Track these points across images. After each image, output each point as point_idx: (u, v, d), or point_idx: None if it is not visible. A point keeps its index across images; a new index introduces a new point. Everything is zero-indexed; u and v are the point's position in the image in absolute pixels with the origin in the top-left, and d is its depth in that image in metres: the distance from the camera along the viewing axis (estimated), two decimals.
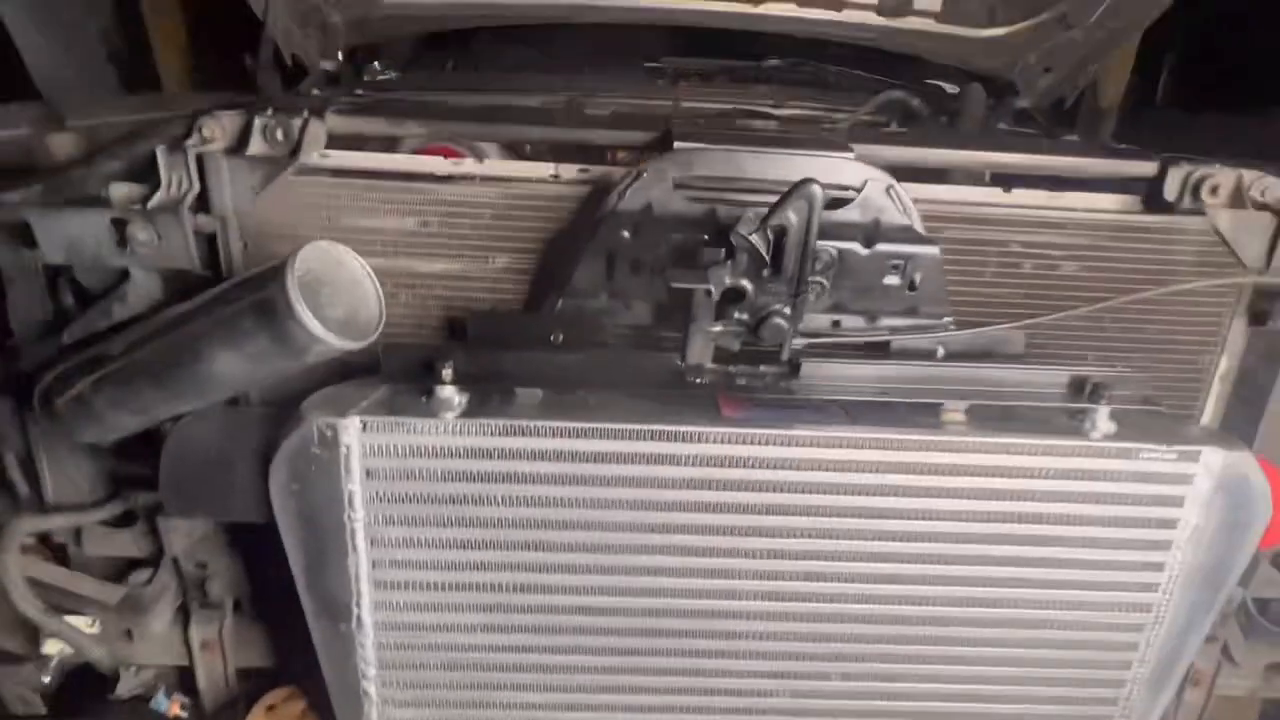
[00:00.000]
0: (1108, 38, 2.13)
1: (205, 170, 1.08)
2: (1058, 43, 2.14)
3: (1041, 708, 1.09)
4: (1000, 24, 2.14)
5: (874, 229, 1.06)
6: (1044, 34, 2.10)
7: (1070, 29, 2.10)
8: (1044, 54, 2.18)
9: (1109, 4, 1.97)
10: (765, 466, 0.93)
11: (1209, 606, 1.02)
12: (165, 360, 0.94)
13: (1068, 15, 2.04)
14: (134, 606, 1.22)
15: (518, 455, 0.93)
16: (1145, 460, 0.95)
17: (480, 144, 1.31)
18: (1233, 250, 1.17)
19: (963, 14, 2.10)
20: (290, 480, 0.93)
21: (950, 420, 0.97)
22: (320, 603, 0.99)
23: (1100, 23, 2.06)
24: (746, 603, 1.00)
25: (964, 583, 1.00)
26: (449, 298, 1.17)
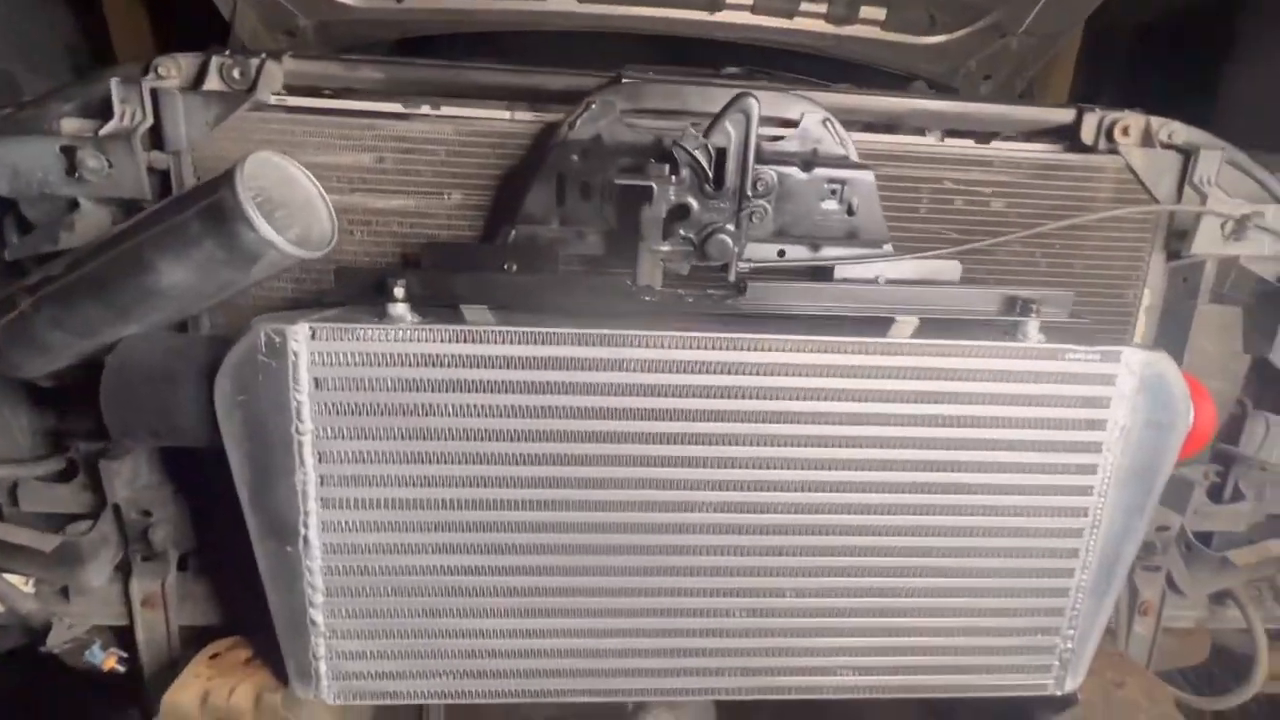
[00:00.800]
0: (1040, 45, 2.29)
1: (160, 106, 1.10)
2: (994, 50, 2.30)
3: (992, 620, 1.10)
4: (940, 32, 2.29)
5: (812, 157, 1.11)
6: (981, 41, 2.26)
7: (1004, 36, 2.26)
8: (983, 61, 2.34)
9: (1037, 12, 2.13)
10: (716, 371, 0.96)
11: (1141, 509, 1.06)
12: (109, 273, 0.94)
13: (1001, 23, 2.20)
14: (71, 556, 1.17)
15: (470, 363, 0.93)
16: (1071, 361, 1.00)
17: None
18: (1145, 187, 1.26)
19: (906, 22, 2.24)
20: (236, 391, 0.92)
21: (901, 333, 1.01)
22: (266, 523, 0.97)
23: (1030, 30, 2.22)
24: (699, 515, 1.01)
25: (911, 489, 1.02)
26: (405, 234, 1.19)
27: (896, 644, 1.10)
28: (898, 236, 1.21)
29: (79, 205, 1.08)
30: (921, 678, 1.12)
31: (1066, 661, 1.13)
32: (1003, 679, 1.13)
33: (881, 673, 1.11)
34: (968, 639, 1.11)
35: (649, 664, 1.07)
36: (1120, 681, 1.19)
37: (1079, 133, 1.28)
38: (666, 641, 1.06)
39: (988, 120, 1.32)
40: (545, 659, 1.06)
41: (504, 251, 1.11)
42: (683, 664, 1.08)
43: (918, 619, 1.09)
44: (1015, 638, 1.12)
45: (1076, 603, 1.10)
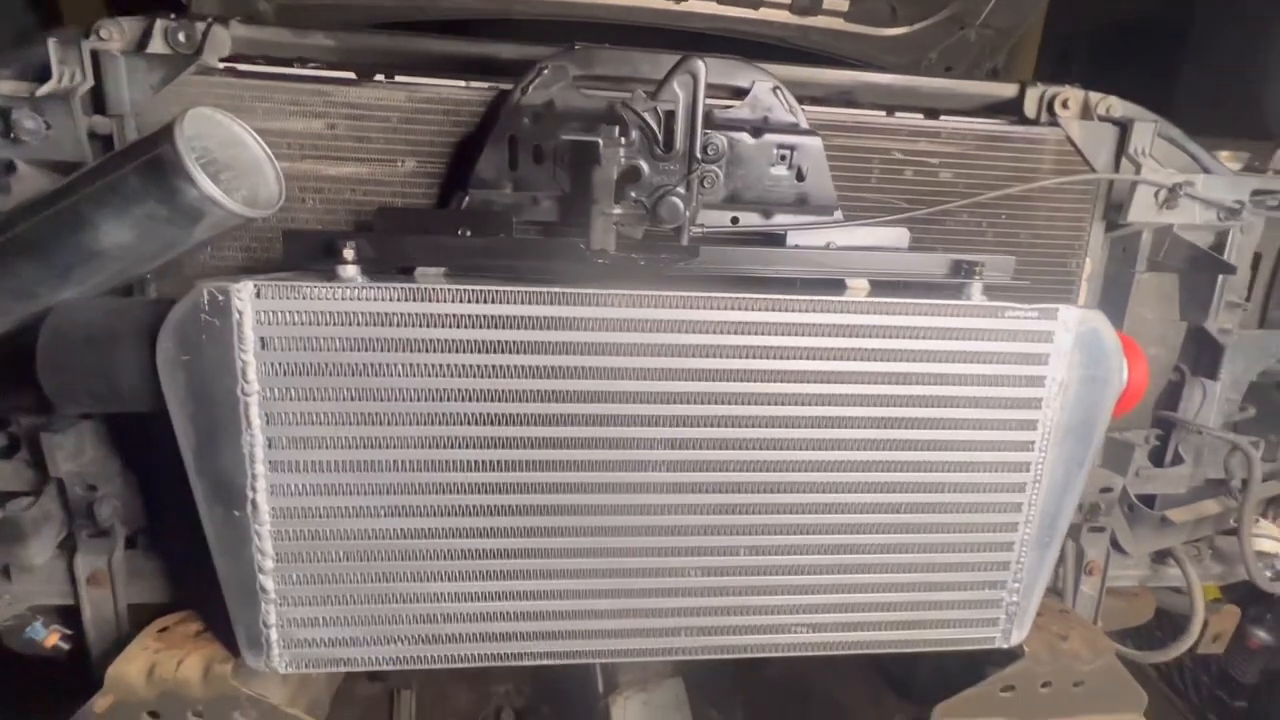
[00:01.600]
0: (996, 37, 2.36)
1: (101, 69, 1.08)
2: (954, 42, 2.36)
3: (941, 575, 1.13)
4: (901, 23, 2.34)
5: (762, 123, 1.13)
6: (941, 33, 2.31)
7: (963, 29, 2.32)
8: (944, 53, 2.40)
9: (993, 6, 2.20)
10: (668, 330, 0.97)
11: (1080, 463, 1.10)
12: (46, 232, 0.91)
13: (960, 15, 2.26)
14: (11, 533, 1.14)
15: (420, 321, 0.93)
16: (1012, 319, 1.03)
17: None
18: (1085, 158, 1.31)
19: (868, 13, 2.29)
20: (179, 350, 0.90)
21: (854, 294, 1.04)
22: (212, 487, 0.95)
23: (988, 23, 2.29)
24: (653, 474, 1.02)
25: (859, 446, 1.04)
26: (358, 202, 1.18)
27: (848, 600, 1.12)
28: (849, 206, 1.24)
29: (15, 168, 1.05)
30: (873, 634, 1.14)
31: (1013, 615, 1.16)
32: (951, 633, 1.16)
33: (834, 629, 1.13)
34: (917, 594, 1.13)
35: (606, 625, 1.08)
36: (1064, 634, 1.23)
37: (1022, 106, 1.33)
38: (622, 602, 1.07)
39: (935, 95, 1.36)
40: (502, 622, 1.05)
41: (458, 217, 1.11)
42: (639, 624, 1.09)
43: (868, 575, 1.11)
44: (962, 591, 1.15)
45: (1021, 555, 1.13)
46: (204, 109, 0.92)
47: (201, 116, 0.90)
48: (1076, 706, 1.22)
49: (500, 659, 1.08)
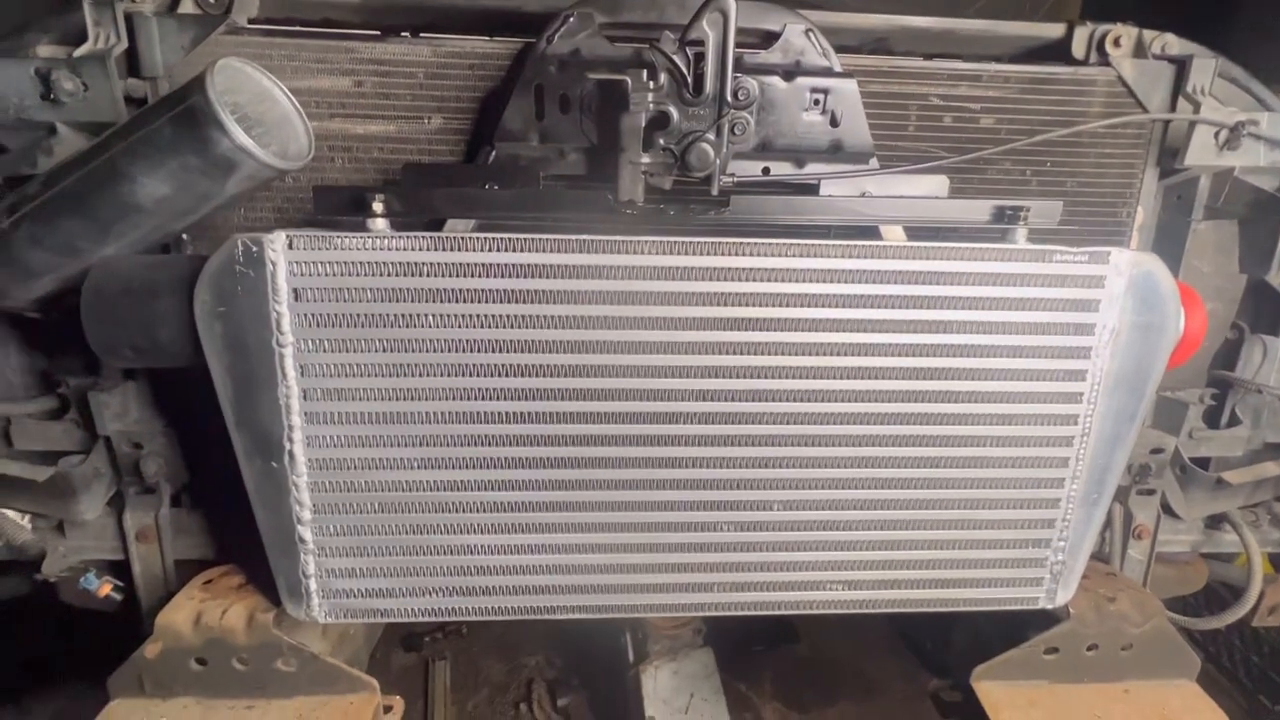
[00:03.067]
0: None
1: (135, 31, 1.09)
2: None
3: (984, 533, 1.10)
4: None
5: (794, 67, 1.09)
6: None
7: None
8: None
9: None
10: (699, 278, 0.95)
11: (1132, 415, 1.05)
12: (87, 187, 0.93)
13: None
14: (64, 488, 1.18)
15: (450, 271, 0.93)
16: (1060, 264, 0.99)
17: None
18: (1137, 99, 1.24)
19: None
20: (215, 302, 0.92)
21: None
22: (250, 438, 0.97)
23: None
24: (686, 426, 1.01)
25: (898, 398, 1.01)
26: (385, 160, 1.18)
27: (886, 557, 1.10)
28: (885, 156, 1.19)
29: (56, 130, 1.07)
30: (912, 592, 1.12)
31: (1058, 574, 1.13)
32: (993, 593, 1.13)
33: (871, 586, 1.11)
34: (958, 551, 1.10)
35: (637, 579, 1.07)
36: (1112, 596, 1.19)
37: (1069, 47, 1.26)
38: (654, 556, 1.06)
39: (976, 38, 1.29)
40: (534, 575, 1.06)
41: (484, 172, 1.10)
42: (672, 579, 1.08)
43: (907, 531, 1.08)
44: (1006, 549, 1.11)
45: (1067, 513, 1.09)
46: (233, 60, 0.92)
47: (231, 69, 0.91)
48: (1124, 671, 1.18)
49: (532, 612, 1.08)
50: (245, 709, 1.06)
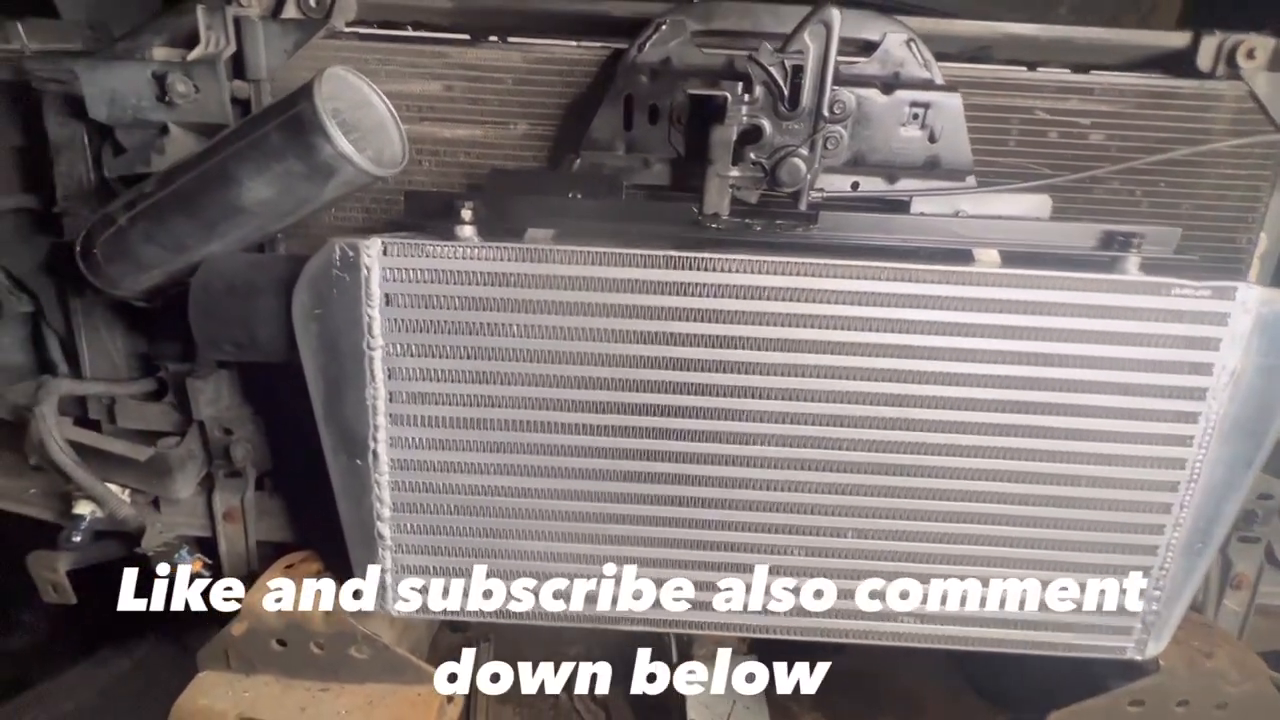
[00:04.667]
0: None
1: (242, 34, 1.13)
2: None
3: (1072, 577, 1.04)
4: None
5: (893, 79, 1.05)
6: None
7: None
8: (1077, 7, 2.16)
9: None
10: (785, 299, 0.92)
11: (1247, 464, 0.97)
12: (197, 188, 0.97)
13: None
14: (161, 468, 1.25)
15: (535, 283, 0.93)
16: (1178, 297, 0.92)
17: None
18: (1270, 116, 1.14)
19: None
20: (312, 304, 0.95)
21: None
22: (338, 435, 1.00)
23: None
24: (763, 448, 0.99)
25: (991, 431, 0.97)
26: (472, 165, 1.20)
27: (968, 594, 1.05)
28: (983, 171, 1.14)
29: (168, 130, 1.13)
30: (989, 630, 1.07)
31: (1150, 625, 1.06)
32: (1077, 638, 1.07)
33: (950, 622, 1.07)
34: (1045, 593, 1.05)
35: (705, 597, 1.06)
36: (1209, 652, 1.11)
37: (1195, 58, 1.16)
38: (725, 577, 1.05)
39: (1090, 48, 1.21)
40: (603, 583, 1.06)
41: (568, 179, 1.10)
42: (739, 600, 1.07)
43: (992, 568, 1.04)
44: (1096, 596, 1.05)
45: (1166, 561, 1.02)
46: (338, 69, 0.94)
47: (336, 77, 0.93)
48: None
49: (598, 620, 1.09)
50: (320, 690, 1.11)
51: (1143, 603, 1.05)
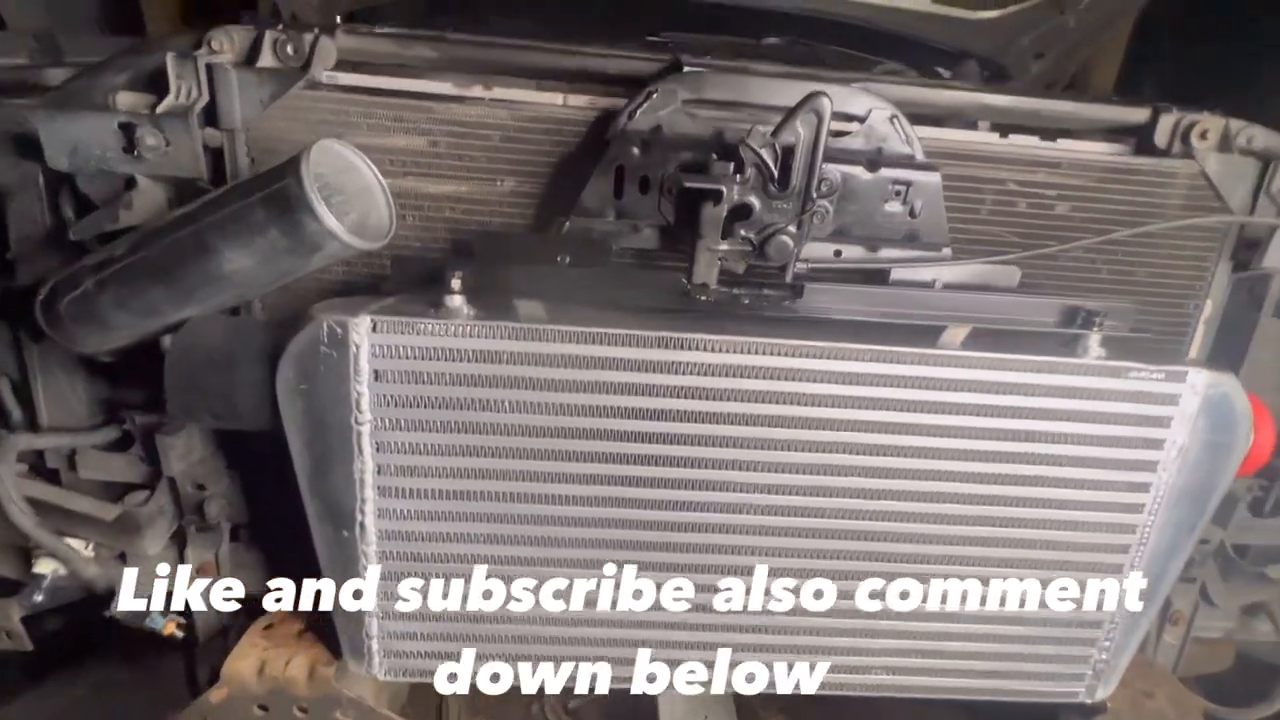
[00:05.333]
0: (1099, 24, 2.19)
1: (214, 83, 1.08)
2: (1050, 27, 2.19)
3: (1030, 629, 1.11)
4: (995, 6, 2.18)
5: (877, 156, 1.08)
6: (1037, 18, 2.15)
7: (1063, 13, 2.16)
8: (1037, 39, 2.23)
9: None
10: (772, 377, 0.95)
11: (1191, 528, 1.06)
12: (173, 257, 0.94)
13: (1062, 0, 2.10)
14: (129, 526, 1.21)
15: (526, 360, 0.93)
16: (1134, 380, 0.98)
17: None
18: (1219, 194, 1.21)
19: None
20: (298, 379, 0.93)
21: (951, 342, 1.00)
22: (324, 507, 0.99)
23: (1091, 8, 2.12)
24: (745, 517, 1.02)
25: (959, 500, 1.02)
26: (457, 220, 1.18)
27: (933, 647, 1.12)
28: (957, 239, 1.18)
29: (136, 183, 1.08)
30: (954, 680, 1.14)
31: (1100, 671, 1.14)
32: (1035, 685, 1.15)
33: (913, 673, 1.13)
34: (1005, 645, 1.12)
35: (686, 656, 1.10)
36: (1150, 691, 1.21)
37: (1153, 134, 1.23)
38: (704, 635, 1.09)
39: (1057, 117, 1.27)
40: (589, 647, 1.08)
41: (557, 243, 1.10)
42: (719, 657, 1.10)
43: (956, 624, 1.10)
44: (1050, 646, 1.13)
45: (1116, 615, 1.11)
46: (325, 142, 0.92)
47: (323, 149, 0.90)
48: None
49: (583, 682, 1.11)
50: None
51: (1095, 650, 1.13)
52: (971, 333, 1.03)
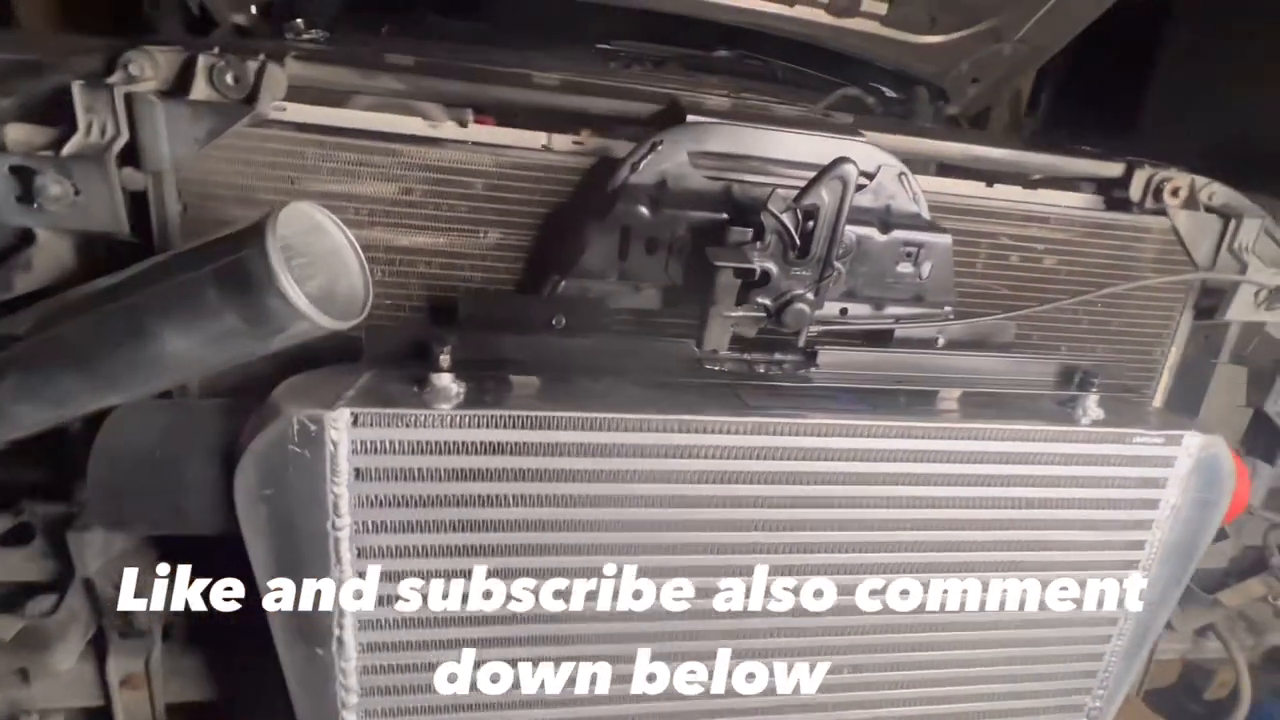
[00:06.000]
0: (1030, 54, 2.29)
1: (136, 117, 0.90)
2: (987, 54, 2.28)
3: (1028, 685, 1.12)
4: (939, 32, 2.24)
5: (886, 214, 1.04)
6: (976, 44, 2.23)
7: (999, 42, 2.24)
8: (974, 64, 2.32)
9: (1035, 21, 2.12)
10: (794, 458, 0.90)
11: (1179, 580, 1.09)
12: (96, 340, 0.77)
13: (999, 29, 2.18)
14: (35, 641, 1.01)
15: (527, 450, 0.83)
16: (1136, 445, 1.00)
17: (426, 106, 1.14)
18: (1187, 249, 1.26)
19: (906, 19, 2.19)
20: (261, 484, 0.78)
21: (945, 408, 0.99)
22: (294, 626, 0.85)
23: (1025, 39, 2.21)
24: (756, 619, 0.96)
25: (962, 569, 1.01)
26: (432, 276, 1.05)
27: (934, 701, 1.11)
28: (956, 292, 1.17)
29: (34, 238, 0.88)
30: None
31: (1094, 717, 1.17)
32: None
33: None
34: (1004, 702, 1.13)
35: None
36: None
37: (1127, 187, 1.27)
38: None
39: (1039, 169, 1.29)
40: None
41: (551, 304, 1.00)
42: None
43: (955, 685, 1.09)
44: (1050, 699, 1.14)
45: (1109, 666, 1.13)
46: (294, 206, 0.77)
47: (291, 213, 0.76)
48: None
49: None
50: None
51: (1089, 699, 1.16)
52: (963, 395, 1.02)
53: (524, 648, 0.92)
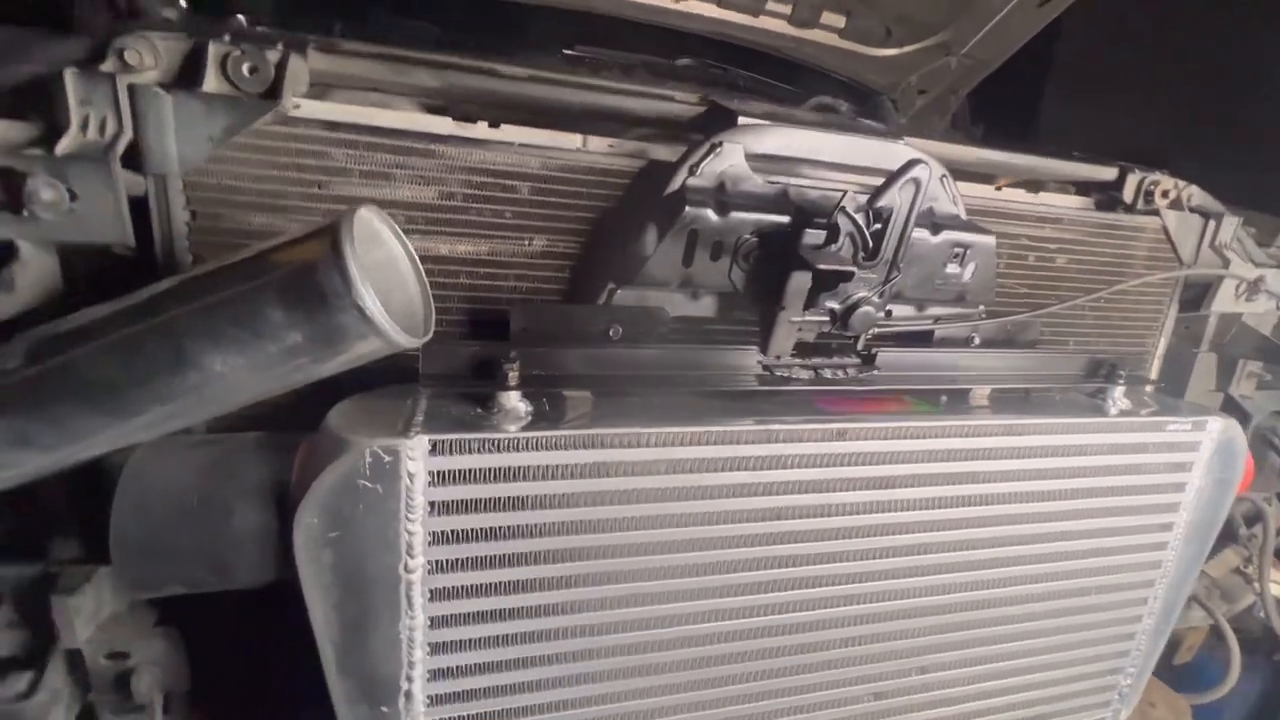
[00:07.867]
0: (975, 66, 2.43)
1: (140, 112, 0.79)
2: (935, 68, 2.40)
3: (1066, 670, 1.16)
4: (893, 45, 2.34)
5: (928, 214, 1.06)
6: (926, 58, 2.35)
7: (947, 55, 2.37)
8: (923, 77, 2.44)
9: (981, 36, 2.25)
10: (875, 462, 0.89)
11: (1200, 556, 1.16)
12: (119, 369, 0.65)
13: (948, 43, 2.30)
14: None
15: (607, 471, 0.78)
16: (1168, 432, 1.05)
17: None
18: (1174, 247, 1.36)
19: (863, 33, 2.28)
20: (327, 527, 0.69)
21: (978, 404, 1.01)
22: (358, 683, 0.75)
23: (971, 53, 2.34)
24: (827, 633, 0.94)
25: (1002, 562, 1.02)
26: (474, 286, 0.97)
27: (974, 686, 1.12)
28: None
29: (16, 253, 0.75)
30: (993, 717, 1.16)
31: (1125, 695, 1.22)
32: (1070, 705, 1.20)
33: (958, 702, 1.12)
34: (1042, 689, 1.16)
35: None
36: (1153, 702, 1.32)
37: (1121, 190, 1.35)
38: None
39: (1043, 172, 1.35)
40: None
41: (606, 313, 0.94)
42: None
43: (998, 663, 1.11)
44: (1085, 681, 1.19)
45: (1140, 643, 1.19)
46: (364, 212, 0.68)
47: (358, 220, 0.67)
48: None
49: None
50: None
51: (1121, 678, 1.21)
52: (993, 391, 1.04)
53: (598, 684, 0.86)
